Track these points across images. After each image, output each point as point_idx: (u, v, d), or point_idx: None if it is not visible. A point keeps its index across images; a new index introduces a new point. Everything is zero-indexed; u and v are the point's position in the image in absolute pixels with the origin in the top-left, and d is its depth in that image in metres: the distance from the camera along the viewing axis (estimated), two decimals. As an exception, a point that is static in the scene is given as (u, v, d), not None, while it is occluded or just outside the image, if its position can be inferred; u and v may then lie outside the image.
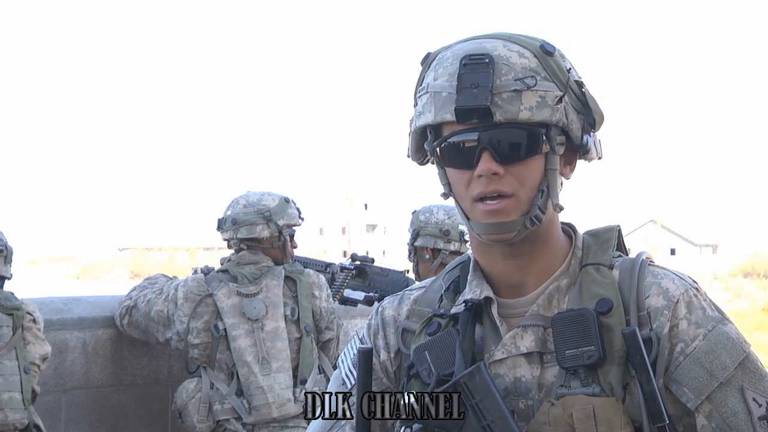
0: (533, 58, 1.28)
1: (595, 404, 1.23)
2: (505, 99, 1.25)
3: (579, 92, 1.31)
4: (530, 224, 1.30)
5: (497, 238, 1.30)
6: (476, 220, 1.30)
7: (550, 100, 1.27)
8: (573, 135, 1.31)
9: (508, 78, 1.26)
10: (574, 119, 1.30)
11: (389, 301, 1.49)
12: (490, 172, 1.27)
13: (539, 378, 1.30)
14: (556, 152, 1.30)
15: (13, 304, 3.24)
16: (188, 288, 3.58)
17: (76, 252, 57.94)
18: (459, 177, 1.31)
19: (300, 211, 3.79)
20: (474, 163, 1.28)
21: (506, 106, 1.25)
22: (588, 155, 1.36)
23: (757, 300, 26.70)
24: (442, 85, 1.29)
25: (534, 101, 1.26)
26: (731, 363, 1.26)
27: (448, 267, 1.48)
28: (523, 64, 1.27)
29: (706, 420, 1.25)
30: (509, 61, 1.27)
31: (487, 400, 1.23)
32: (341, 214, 66.76)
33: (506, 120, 1.25)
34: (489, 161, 1.26)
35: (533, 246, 1.33)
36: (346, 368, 1.44)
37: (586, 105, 1.31)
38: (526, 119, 1.25)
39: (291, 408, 3.48)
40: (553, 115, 1.27)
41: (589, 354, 1.26)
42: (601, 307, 1.29)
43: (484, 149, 1.27)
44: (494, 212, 1.28)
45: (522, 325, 1.32)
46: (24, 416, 3.15)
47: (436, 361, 1.32)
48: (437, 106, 1.29)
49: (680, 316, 1.29)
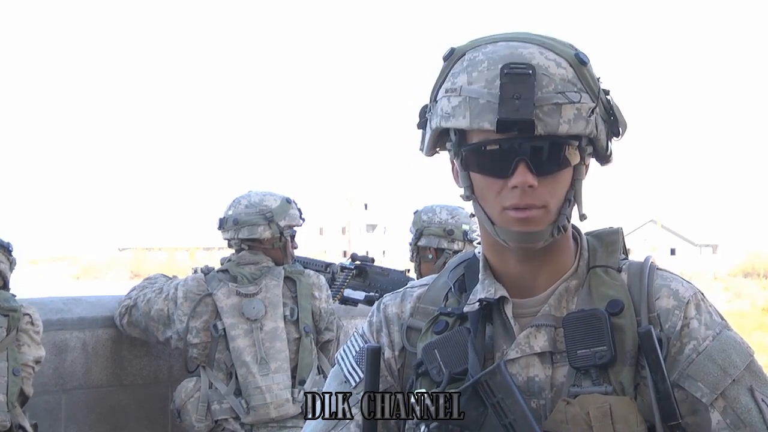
0: (569, 69, 1.27)
1: (611, 402, 1.23)
2: (546, 112, 1.24)
3: (606, 102, 1.31)
4: (557, 233, 1.30)
5: (525, 246, 1.30)
6: (504, 228, 1.29)
7: (585, 112, 1.26)
8: (599, 145, 1.31)
9: (549, 90, 1.24)
10: (602, 129, 1.30)
11: (391, 298, 1.49)
12: (527, 185, 1.26)
13: (551, 378, 1.31)
14: (585, 163, 1.31)
15: (11, 306, 3.24)
16: (188, 287, 3.58)
17: (76, 252, 57.92)
18: (488, 183, 1.29)
19: (301, 211, 3.79)
20: (509, 174, 1.26)
21: (547, 119, 1.24)
22: (607, 162, 1.37)
23: (757, 300, 26.69)
24: (479, 91, 1.26)
25: (572, 114, 1.25)
26: (741, 363, 1.28)
27: (451, 265, 1.48)
28: (561, 75, 1.26)
29: (721, 416, 1.25)
30: (548, 72, 1.25)
31: (508, 398, 1.24)
32: (341, 214, 66.75)
33: (547, 133, 1.24)
34: (525, 173, 1.25)
35: (549, 250, 1.34)
36: (348, 366, 1.43)
37: (611, 114, 1.32)
38: (565, 132, 1.25)
39: (289, 408, 3.48)
40: (587, 128, 1.27)
41: (601, 354, 1.27)
42: (612, 308, 1.30)
43: (521, 160, 1.25)
44: (526, 221, 1.27)
45: (535, 325, 1.33)
46: (6, 419, 3.14)
47: (447, 360, 1.32)
48: (473, 113, 1.26)
49: (691, 316, 1.31)
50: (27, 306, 3.31)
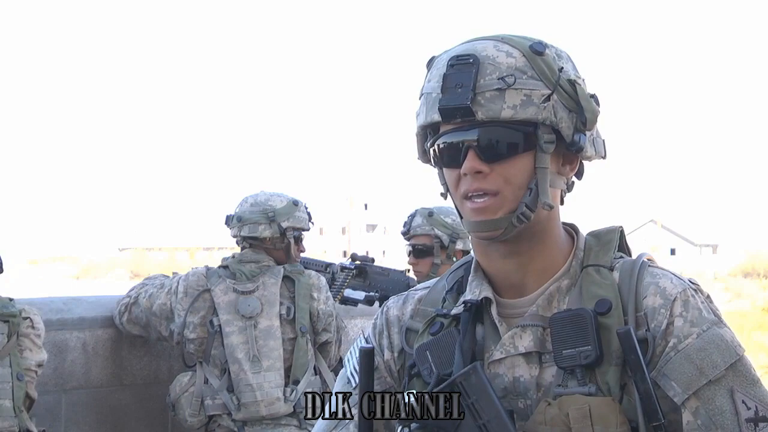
0: (521, 58, 1.29)
1: (591, 404, 1.23)
2: (487, 98, 1.26)
3: (571, 91, 1.30)
4: (517, 222, 1.30)
5: (484, 235, 1.32)
6: (466, 219, 1.33)
7: (537, 99, 1.27)
8: (563, 133, 1.30)
9: (492, 77, 1.27)
10: (564, 117, 1.30)
11: (394, 300, 1.51)
12: (474, 170, 1.29)
13: (538, 378, 1.31)
14: (544, 151, 1.30)
15: (10, 311, 3.24)
16: (189, 282, 3.60)
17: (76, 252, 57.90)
18: (451, 176, 1.34)
19: (310, 215, 3.80)
20: (461, 161, 1.30)
21: (488, 104, 1.26)
22: (583, 154, 1.35)
23: (757, 300, 26.68)
24: (432, 86, 1.32)
25: (518, 99, 1.27)
26: (722, 363, 1.25)
27: (453, 267, 1.49)
28: (509, 63, 1.28)
29: (692, 416, 1.24)
30: (495, 61, 1.28)
31: (482, 399, 1.24)
32: (341, 214, 66.73)
33: (488, 118, 1.27)
34: (473, 159, 1.29)
35: (531, 245, 1.34)
36: (351, 367, 1.45)
37: (578, 103, 1.31)
38: (509, 117, 1.26)
39: (280, 407, 3.48)
40: (539, 114, 1.27)
41: (586, 354, 1.26)
42: (600, 308, 1.29)
43: (469, 148, 1.29)
44: (479, 210, 1.30)
45: (521, 325, 1.33)
46: (13, 424, 3.15)
47: (437, 361, 1.33)
48: (428, 107, 1.32)
49: (676, 313, 1.29)
50: (27, 310, 3.31)
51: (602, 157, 1.39)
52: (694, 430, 1.24)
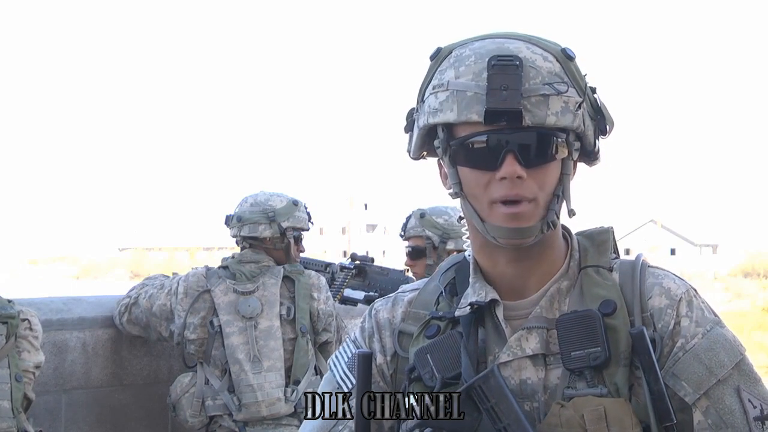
0: (556, 63, 1.28)
1: (606, 405, 1.23)
2: (533, 103, 1.24)
3: (593, 98, 1.32)
4: (546, 229, 1.30)
5: (515, 242, 1.29)
6: (494, 224, 1.29)
7: (572, 106, 1.27)
8: (587, 141, 1.31)
9: (536, 82, 1.25)
10: (589, 125, 1.30)
11: (382, 303, 1.48)
12: (515, 175, 1.25)
13: (544, 380, 1.30)
14: (573, 158, 1.31)
15: (8, 313, 3.23)
16: (188, 283, 3.60)
17: (76, 252, 57.93)
18: (476, 178, 1.29)
19: (310, 215, 3.79)
20: (497, 165, 1.26)
21: (534, 110, 1.24)
22: (595, 162, 1.37)
23: (757, 300, 26.71)
24: (466, 84, 1.26)
25: (559, 106, 1.26)
26: (729, 362, 1.27)
27: (442, 268, 1.47)
28: (548, 68, 1.27)
29: (702, 416, 1.24)
30: (535, 64, 1.26)
31: (502, 403, 1.23)
32: (341, 214, 66.74)
33: (534, 124, 1.25)
34: (514, 164, 1.25)
35: (540, 250, 1.33)
36: (341, 371, 1.43)
37: (598, 111, 1.32)
38: (552, 124, 1.25)
39: (281, 407, 3.48)
40: (574, 121, 1.27)
41: (595, 355, 1.26)
42: (605, 309, 1.29)
43: (509, 152, 1.26)
44: (517, 216, 1.27)
45: (527, 327, 1.32)
46: (12, 425, 3.15)
47: (439, 364, 1.32)
48: (461, 105, 1.26)
49: (682, 313, 1.30)
50: (25, 311, 3.30)
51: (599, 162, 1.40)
52: (705, 429, 1.24)
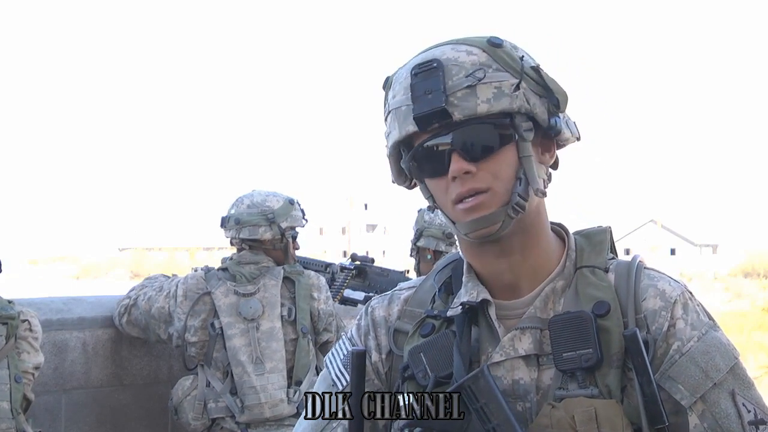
0: (482, 53, 1.29)
1: (596, 406, 1.22)
2: (460, 97, 1.26)
3: (537, 77, 1.30)
4: (513, 213, 1.29)
5: (482, 233, 1.29)
6: (459, 221, 1.30)
7: (507, 89, 1.27)
8: (539, 119, 1.30)
9: (459, 77, 1.26)
10: (536, 103, 1.29)
11: (378, 301, 1.48)
12: (462, 172, 1.27)
13: (537, 381, 1.30)
14: (525, 139, 1.30)
15: (9, 313, 3.23)
16: (188, 286, 3.59)
17: (76, 252, 57.90)
18: (437, 185, 1.32)
19: (304, 212, 3.78)
20: (446, 167, 1.28)
21: (462, 103, 1.25)
22: (561, 137, 1.34)
23: (757, 300, 26.68)
24: (399, 100, 1.30)
25: (490, 93, 1.26)
26: (724, 366, 1.26)
27: (438, 266, 1.47)
28: (472, 61, 1.28)
29: (699, 419, 1.24)
30: (458, 61, 1.28)
31: (491, 403, 1.23)
32: (341, 214, 66.74)
33: (466, 117, 1.26)
34: (459, 161, 1.27)
35: (523, 242, 1.33)
36: (336, 369, 1.43)
37: (546, 88, 1.31)
38: (486, 112, 1.26)
39: (284, 409, 3.48)
40: (513, 103, 1.27)
41: (587, 356, 1.25)
42: (599, 310, 1.29)
43: (452, 151, 1.27)
44: (473, 208, 1.28)
45: (520, 327, 1.32)
46: (11, 426, 3.15)
47: (432, 363, 1.32)
48: (400, 122, 1.30)
49: (677, 316, 1.29)
50: (25, 312, 3.30)
51: (577, 138, 1.38)
52: None
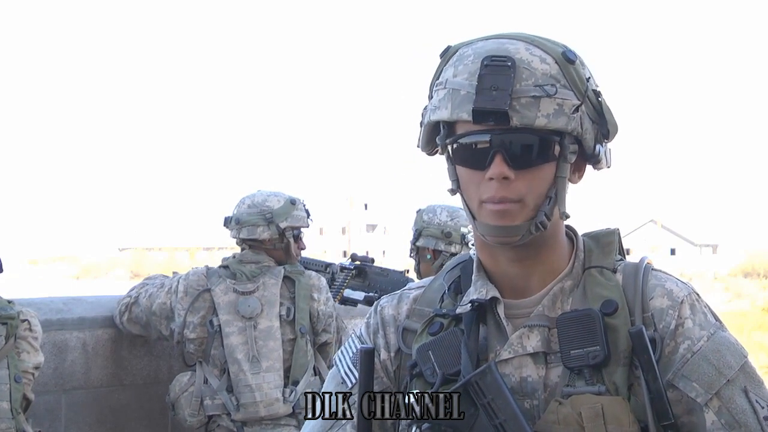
0: (554, 65, 1.28)
1: (603, 403, 1.23)
2: (523, 104, 1.25)
3: (596, 102, 1.31)
4: (535, 230, 1.30)
5: (501, 240, 1.30)
6: (482, 221, 1.30)
7: (567, 109, 1.26)
8: (586, 144, 1.31)
9: (528, 83, 1.25)
10: (588, 129, 1.30)
11: (388, 300, 1.49)
12: (501, 176, 1.26)
13: (545, 378, 1.31)
14: (567, 160, 1.30)
15: (8, 313, 3.23)
16: (189, 282, 3.60)
17: (76, 252, 57.90)
18: (470, 176, 1.31)
19: (309, 213, 3.78)
20: (486, 165, 1.28)
21: (524, 111, 1.25)
22: (598, 165, 1.36)
23: (757, 300, 26.72)
24: (461, 82, 1.28)
25: (552, 108, 1.25)
26: (735, 364, 1.28)
27: (448, 266, 1.48)
28: (544, 70, 1.27)
29: (716, 416, 1.25)
30: (530, 66, 1.26)
31: (498, 399, 1.24)
32: (341, 214, 66.74)
33: (522, 125, 1.25)
34: (501, 165, 1.26)
35: (539, 250, 1.34)
36: (345, 367, 1.44)
37: (601, 115, 1.32)
38: (542, 126, 1.25)
39: (279, 408, 3.48)
40: (568, 124, 1.27)
41: (594, 354, 1.27)
42: (606, 308, 1.30)
43: (497, 152, 1.27)
44: (501, 214, 1.28)
45: (528, 325, 1.33)
46: (11, 426, 3.15)
47: (440, 361, 1.32)
48: (454, 104, 1.28)
49: (685, 315, 1.31)
50: (25, 312, 3.30)
51: (608, 166, 1.40)
52: (718, 429, 1.25)
